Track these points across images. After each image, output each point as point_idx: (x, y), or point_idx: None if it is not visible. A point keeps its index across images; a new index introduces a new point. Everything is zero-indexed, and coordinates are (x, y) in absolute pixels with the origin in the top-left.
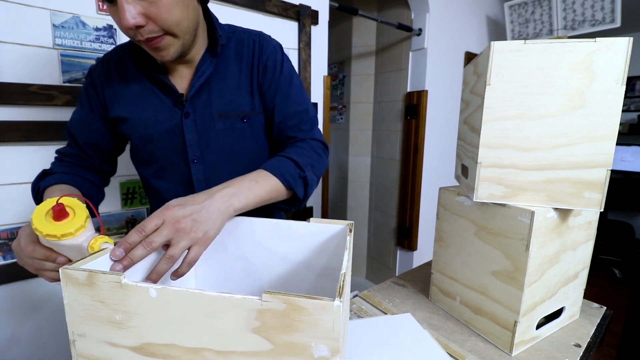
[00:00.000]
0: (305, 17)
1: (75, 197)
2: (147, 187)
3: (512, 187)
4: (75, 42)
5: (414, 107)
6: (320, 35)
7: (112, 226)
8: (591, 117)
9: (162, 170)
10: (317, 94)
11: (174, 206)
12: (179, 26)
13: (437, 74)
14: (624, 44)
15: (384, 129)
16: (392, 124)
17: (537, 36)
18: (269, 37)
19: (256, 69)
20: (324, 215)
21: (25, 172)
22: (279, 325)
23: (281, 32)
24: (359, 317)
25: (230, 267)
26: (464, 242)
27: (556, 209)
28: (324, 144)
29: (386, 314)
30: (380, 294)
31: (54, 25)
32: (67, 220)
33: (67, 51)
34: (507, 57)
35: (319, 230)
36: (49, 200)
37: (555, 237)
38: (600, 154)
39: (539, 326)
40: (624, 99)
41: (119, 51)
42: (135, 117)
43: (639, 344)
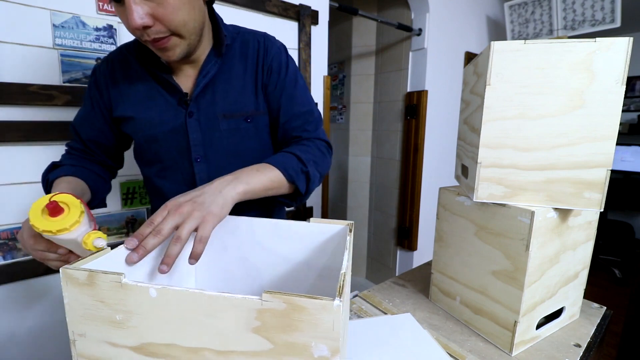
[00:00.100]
0: (305, 17)
1: (69, 194)
2: (150, 186)
3: (512, 187)
4: (75, 42)
5: (414, 107)
6: (320, 35)
7: (112, 226)
8: (591, 117)
9: (166, 169)
10: (317, 94)
11: (175, 198)
12: (185, 27)
13: (437, 74)
14: (624, 44)
15: (384, 129)
16: (392, 124)
17: (537, 36)
18: (273, 38)
19: (261, 69)
20: (324, 215)
21: (25, 172)
22: (279, 325)
23: (281, 32)
24: (359, 317)
25: (230, 267)
26: (464, 242)
27: (556, 209)
28: (328, 144)
29: (386, 314)
30: (380, 294)
31: (54, 25)
32: (62, 216)
33: (67, 51)
34: (507, 57)
35: (319, 230)
36: (45, 197)
37: (555, 237)
38: (600, 154)
39: (539, 326)
40: (624, 99)
41: (123, 50)
42: (140, 116)
43: (639, 344)
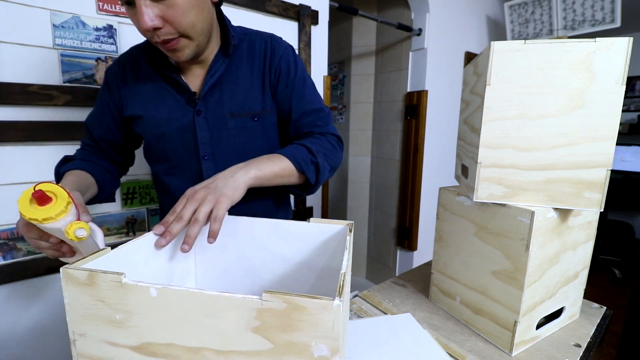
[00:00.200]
0: (305, 17)
1: (56, 185)
2: (158, 183)
3: (512, 187)
4: (75, 42)
5: (414, 107)
6: (320, 35)
7: (112, 226)
8: (591, 117)
9: (174, 167)
10: None
11: (190, 189)
12: (194, 28)
13: (437, 74)
14: (624, 44)
15: (384, 129)
16: (392, 124)
17: (537, 36)
18: (280, 38)
19: (268, 70)
20: (324, 215)
21: (25, 172)
22: (279, 324)
23: (281, 32)
24: (359, 317)
25: (230, 267)
26: (464, 242)
27: (556, 209)
28: (338, 138)
29: (386, 314)
30: (380, 294)
31: (54, 25)
32: (49, 205)
33: (67, 51)
34: (507, 57)
35: (319, 230)
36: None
37: (555, 237)
38: (600, 154)
39: (539, 326)
40: (624, 99)
41: (134, 51)
42: (149, 115)
43: (639, 344)
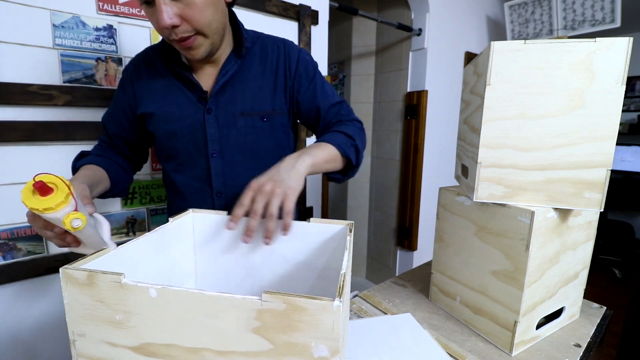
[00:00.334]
0: (305, 17)
1: (56, 176)
2: (167, 180)
3: (512, 187)
4: (75, 42)
5: (414, 107)
6: (320, 35)
7: (112, 226)
8: (591, 117)
9: (182, 164)
10: None
11: (255, 181)
12: (210, 26)
13: (437, 74)
14: (624, 44)
15: (384, 129)
16: (392, 124)
17: (537, 36)
18: (292, 42)
19: (282, 74)
20: (324, 215)
21: (25, 172)
22: (278, 325)
23: (281, 32)
24: (359, 317)
25: (230, 267)
26: (464, 242)
27: (556, 209)
28: (361, 123)
29: (386, 314)
30: (380, 294)
31: (54, 25)
32: (50, 196)
33: (67, 51)
34: (507, 57)
35: (319, 230)
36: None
37: (555, 237)
38: (600, 154)
39: (539, 326)
40: (624, 99)
41: (149, 52)
42: (161, 111)
43: (639, 344)
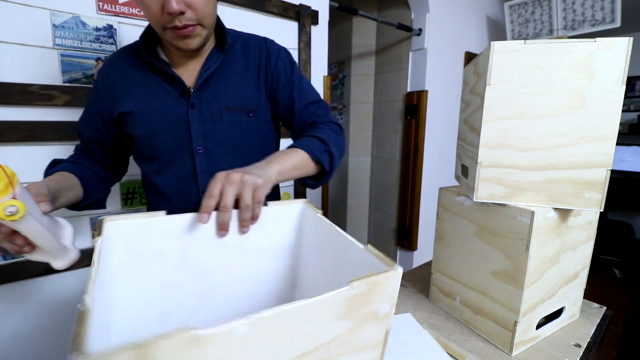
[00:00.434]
0: (305, 17)
1: None
2: (147, 184)
3: (512, 187)
4: (75, 42)
5: (414, 107)
6: (320, 35)
7: None
8: (591, 117)
9: (164, 164)
10: None
11: (221, 172)
12: (211, 18)
13: (437, 74)
14: (624, 44)
15: (384, 129)
16: (392, 124)
17: (537, 36)
18: (273, 41)
19: (265, 71)
20: (325, 215)
21: (25, 172)
22: (360, 304)
23: (281, 32)
24: None
25: (173, 274)
26: (464, 242)
27: (556, 209)
28: (339, 126)
29: None
30: None
31: (54, 25)
32: None
33: (67, 51)
34: (507, 57)
35: (277, 212)
36: None
37: (555, 237)
38: (600, 154)
39: (539, 326)
40: (624, 99)
41: (125, 50)
42: (140, 109)
43: (639, 344)
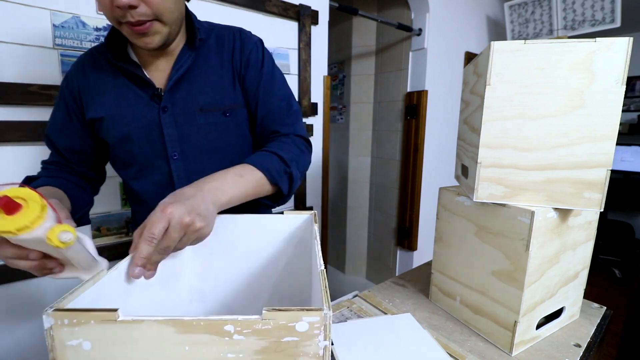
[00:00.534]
0: (305, 17)
1: (24, 187)
2: (127, 190)
3: (512, 187)
4: (75, 42)
5: (414, 107)
6: (320, 35)
7: (112, 226)
8: (591, 117)
9: (141, 171)
10: (317, 94)
11: (170, 204)
12: (171, 14)
13: (437, 74)
14: (624, 44)
15: (384, 129)
16: (392, 124)
17: (537, 36)
18: (249, 32)
19: (238, 63)
20: (324, 215)
21: (25, 172)
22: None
23: (281, 32)
24: (359, 317)
25: (183, 293)
26: (464, 242)
27: (556, 209)
28: (307, 141)
29: (386, 314)
30: (380, 294)
31: (54, 25)
32: (20, 212)
33: (67, 51)
34: (507, 57)
35: (284, 222)
36: None
37: (555, 237)
38: (600, 154)
39: (539, 326)
40: (624, 99)
41: (93, 51)
42: (110, 114)
43: (639, 344)
